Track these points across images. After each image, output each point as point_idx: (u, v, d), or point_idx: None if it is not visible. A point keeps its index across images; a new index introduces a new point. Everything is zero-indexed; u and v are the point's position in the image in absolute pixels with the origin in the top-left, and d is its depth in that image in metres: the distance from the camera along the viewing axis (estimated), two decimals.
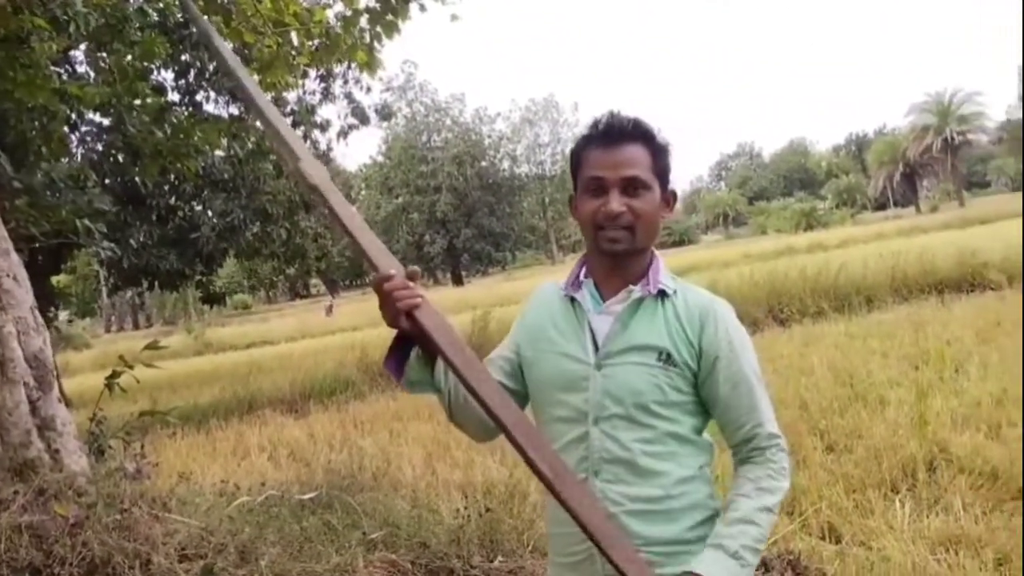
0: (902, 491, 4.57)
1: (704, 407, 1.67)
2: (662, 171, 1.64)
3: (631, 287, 1.64)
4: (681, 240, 67.46)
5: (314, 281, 70.33)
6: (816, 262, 14.79)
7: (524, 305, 1.79)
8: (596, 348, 1.61)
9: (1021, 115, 54.01)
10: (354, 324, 27.61)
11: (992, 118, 60.35)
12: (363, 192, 63.10)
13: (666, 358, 1.59)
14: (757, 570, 3.77)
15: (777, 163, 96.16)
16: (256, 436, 9.05)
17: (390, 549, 4.42)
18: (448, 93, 69.63)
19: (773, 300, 12.59)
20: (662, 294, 1.63)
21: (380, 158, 62.36)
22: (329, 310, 39.09)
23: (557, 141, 67.55)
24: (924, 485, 4.56)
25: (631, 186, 1.59)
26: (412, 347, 1.62)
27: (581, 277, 1.68)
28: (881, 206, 70.99)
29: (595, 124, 1.65)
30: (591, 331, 1.62)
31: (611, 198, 1.58)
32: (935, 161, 59.97)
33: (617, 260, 1.63)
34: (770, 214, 65.76)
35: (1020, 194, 58.44)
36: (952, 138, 57.63)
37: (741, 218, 78.13)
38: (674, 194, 1.70)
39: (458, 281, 58.65)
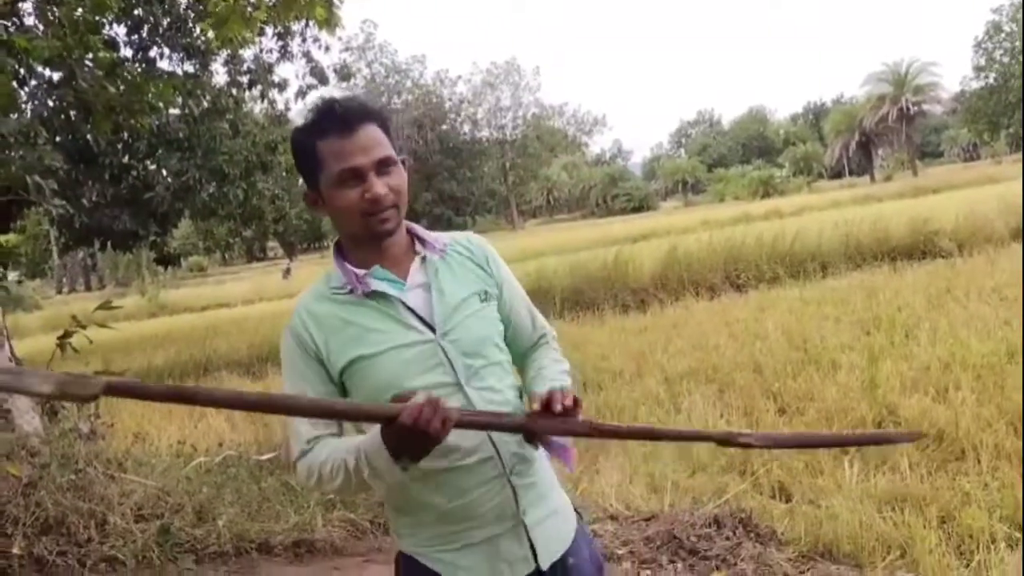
0: (851, 452, 4.68)
1: None
2: (394, 143, 1.65)
3: (420, 255, 1.66)
4: (640, 206, 67.80)
5: (271, 244, 69.56)
6: (772, 229, 14.95)
7: (302, 339, 1.63)
8: (425, 324, 1.60)
9: (975, 86, 54.86)
10: None
11: (947, 89, 61.19)
12: None
13: (485, 296, 1.68)
14: (708, 527, 3.87)
15: (736, 131, 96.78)
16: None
17: (349, 508, 4.45)
18: (408, 54, 68.93)
19: (730, 266, 12.73)
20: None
21: None
22: (287, 273, 38.71)
23: (519, 105, 67.16)
24: (872, 446, 4.67)
25: (384, 166, 1.58)
26: None
27: (358, 272, 1.62)
28: (837, 174, 71.96)
29: (324, 113, 1.59)
30: (410, 311, 1.61)
31: (372, 183, 1.56)
32: (890, 131, 60.80)
33: (385, 240, 1.62)
34: (728, 181, 66.28)
35: (972, 164, 59.56)
36: (907, 108, 58.41)
37: (700, 185, 78.65)
38: (404, 161, 1.68)
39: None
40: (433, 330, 1.59)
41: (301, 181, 1.70)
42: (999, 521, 3.50)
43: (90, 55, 6.82)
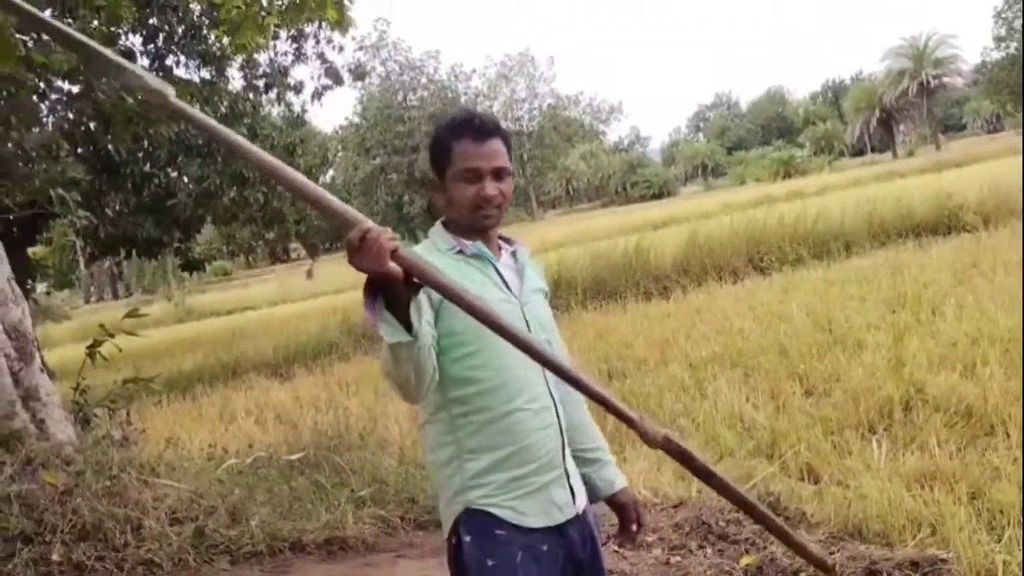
0: (879, 431, 4.67)
1: None
2: (510, 159, 1.96)
3: (513, 248, 2.01)
4: (660, 192, 67.43)
5: (294, 245, 69.94)
6: (794, 210, 14.83)
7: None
8: (510, 292, 1.91)
9: (996, 57, 54.04)
10: (336, 287, 27.56)
11: (967, 61, 60.32)
12: (340, 154, 62.52)
13: (546, 295, 2.05)
14: (737, 511, 3.88)
15: (755, 112, 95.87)
16: (242, 400, 9.08)
17: (379, 505, 4.49)
18: (422, 50, 68.95)
19: (752, 249, 12.65)
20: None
21: (356, 119, 61.63)
22: (310, 273, 38.95)
23: (534, 96, 67.09)
24: (900, 425, 4.66)
25: (499, 174, 1.90)
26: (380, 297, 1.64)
27: (467, 241, 1.91)
28: (859, 152, 71.13)
29: (465, 120, 1.92)
30: (502, 278, 1.92)
31: (486, 184, 1.88)
32: (911, 105, 60.05)
33: (487, 232, 1.94)
34: (749, 163, 65.77)
35: (996, 136, 58.69)
36: (928, 82, 57.67)
37: (720, 168, 78.08)
38: (513, 175, 2.00)
39: None
40: (517, 299, 1.91)
41: (321, 181, 1.80)
42: None
43: None
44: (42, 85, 10.11)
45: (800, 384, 5.80)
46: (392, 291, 1.59)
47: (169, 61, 14.57)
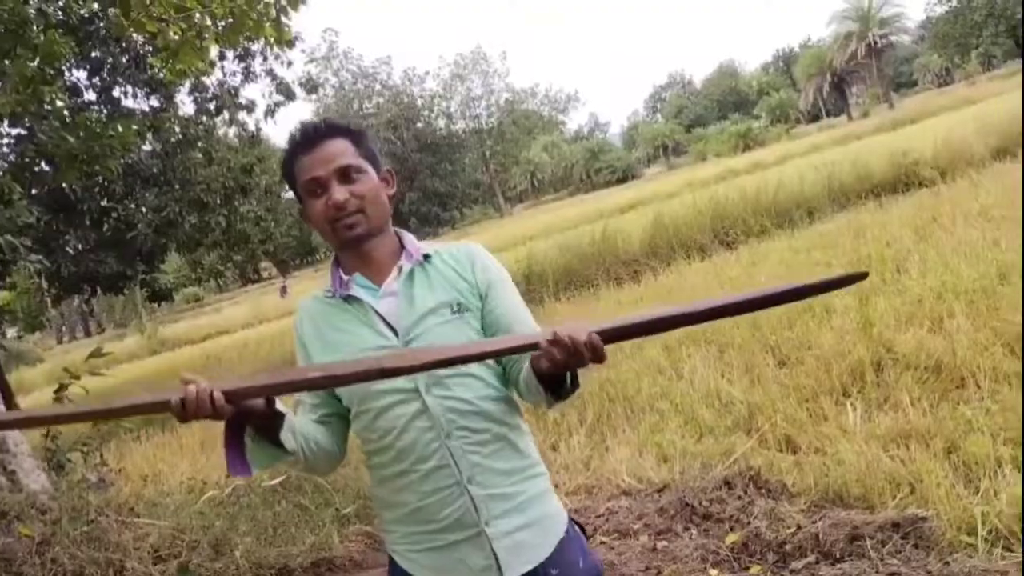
0: (853, 394, 4.70)
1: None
2: (369, 154, 1.74)
3: (400, 264, 1.72)
4: (624, 176, 67.60)
5: (264, 264, 69.48)
6: (755, 182, 14.95)
7: (297, 334, 1.79)
8: (392, 330, 1.67)
9: (940, 11, 54.74)
10: None
11: (912, 18, 61.09)
12: None
13: (457, 307, 1.69)
14: (719, 489, 3.89)
15: (709, 88, 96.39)
16: (221, 428, 8.96)
17: (364, 521, 4.47)
18: (374, 57, 68.56)
19: (717, 224, 12.74)
20: (426, 258, 1.74)
21: None
22: (283, 291, 38.68)
23: (490, 93, 66.97)
24: (872, 386, 4.69)
25: (345, 175, 1.68)
26: (242, 437, 1.59)
27: (344, 277, 1.73)
28: (814, 118, 71.74)
29: (294, 136, 1.74)
30: (380, 317, 1.68)
31: (332, 191, 1.66)
32: (861, 67, 60.58)
33: (364, 246, 1.71)
34: (708, 139, 66.08)
35: (946, 89, 59.43)
36: (875, 42, 58.17)
37: (681, 147, 78.39)
38: (391, 172, 1.81)
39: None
40: (398, 336, 1.65)
41: (283, 197, 1.78)
42: (1003, 445, 3.51)
43: (48, 106, 6.79)
44: None
45: (773, 355, 5.83)
46: (251, 421, 1.55)
47: (116, 92, 14.38)
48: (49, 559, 3.83)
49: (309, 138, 1.70)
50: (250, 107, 16.24)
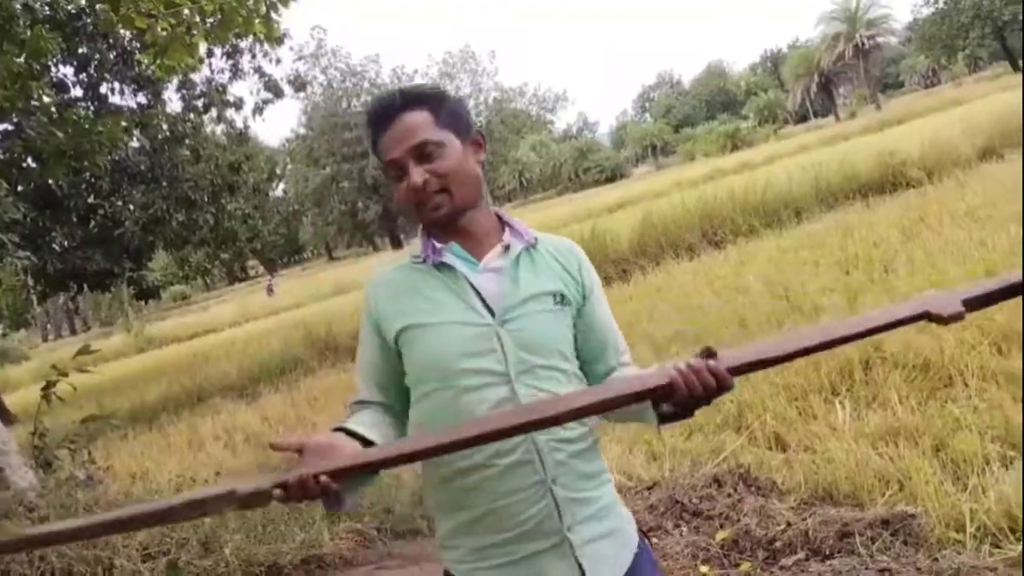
0: (842, 393, 4.72)
1: None
2: (451, 122, 1.59)
3: (506, 241, 1.60)
4: (613, 175, 67.72)
5: (251, 262, 69.27)
6: (744, 181, 14.98)
7: (368, 303, 1.63)
8: (487, 309, 1.53)
9: (926, 13, 55.10)
10: (296, 301, 27.36)
11: (899, 19, 61.45)
12: (288, 166, 62.02)
13: (560, 299, 1.58)
14: (709, 487, 3.90)
15: (697, 88, 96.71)
16: (209, 426, 8.96)
17: (355, 519, 4.46)
18: (362, 55, 68.44)
19: (706, 224, 12.74)
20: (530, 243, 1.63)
21: (302, 130, 61.23)
22: (270, 290, 38.57)
23: (479, 91, 67.07)
24: (861, 384, 4.71)
25: (423, 153, 1.54)
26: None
27: (437, 244, 1.59)
28: (802, 118, 72.10)
29: (370, 110, 1.61)
30: (475, 292, 1.54)
31: (411, 173, 1.53)
32: (848, 68, 60.92)
33: (458, 222, 1.58)
34: (696, 139, 66.25)
35: (933, 90, 59.79)
36: (863, 43, 58.49)
37: (669, 147, 78.56)
38: (480, 135, 1.65)
39: (397, 244, 58.29)
40: (494, 315, 1.52)
41: (271, 196, 1.66)
42: (991, 442, 3.53)
43: (35, 101, 6.75)
44: None
45: None
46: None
47: (104, 89, 14.32)
48: (37, 556, 3.81)
49: (383, 114, 1.58)
50: (238, 104, 16.20)
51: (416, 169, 1.53)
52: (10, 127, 9.33)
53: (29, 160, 11.61)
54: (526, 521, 1.47)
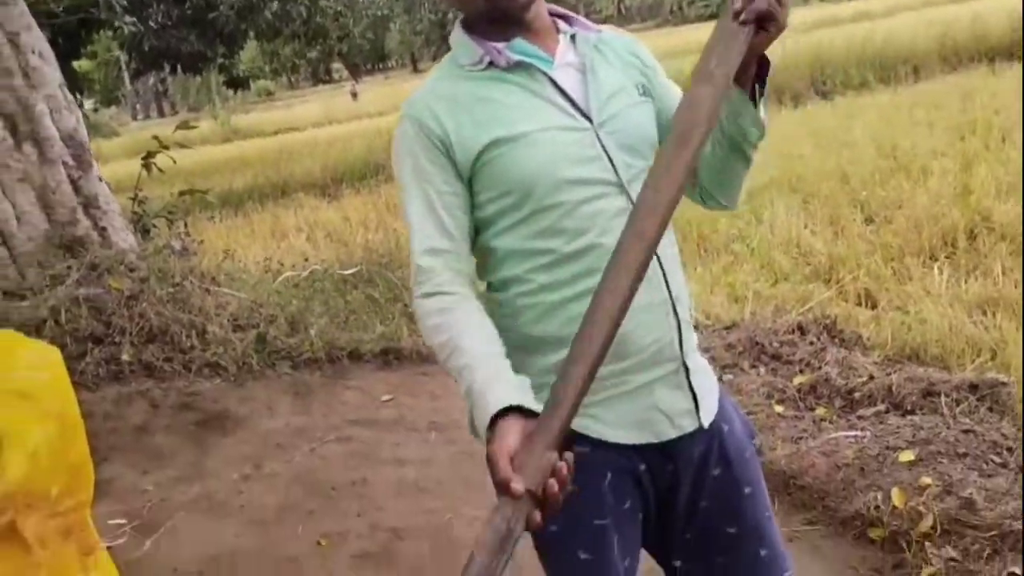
0: (941, 259, 4.58)
1: None
2: None
3: (572, 31, 1.37)
4: (718, 13, 64.17)
5: (336, 66, 68.76)
6: (861, 31, 14.06)
7: (426, 126, 1.31)
8: (578, 111, 1.31)
9: None
10: (380, 109, 27.17)
11: None
12: None
13: (643, 90, 1.38)
14: (791, 334, 3.86)
15: None
16: (292, 218, 9.18)
17: None
18: None
19: (816, 71, 12.12)
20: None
21: None
22: (354, 95, 38.40)
23: None
24: (964, 252, 4.56)
25: None
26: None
27: (498, 46, 1.31)
28: None
29: None
30: (561, 92, 1.31)
31: None
32: None
33: (528, 14, 1.31)
34: None
35: None
36: None
37: None
38: None
39: None
40: (588, 118, 1.30)
41: None
42: None
43: None
44: None
45: (861, 211, 5.66)
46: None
47: None
48: (137, 313, 4.02)
49: None
50: None
51: None
52: None
53: None
54: (649, 346, 1.30)
